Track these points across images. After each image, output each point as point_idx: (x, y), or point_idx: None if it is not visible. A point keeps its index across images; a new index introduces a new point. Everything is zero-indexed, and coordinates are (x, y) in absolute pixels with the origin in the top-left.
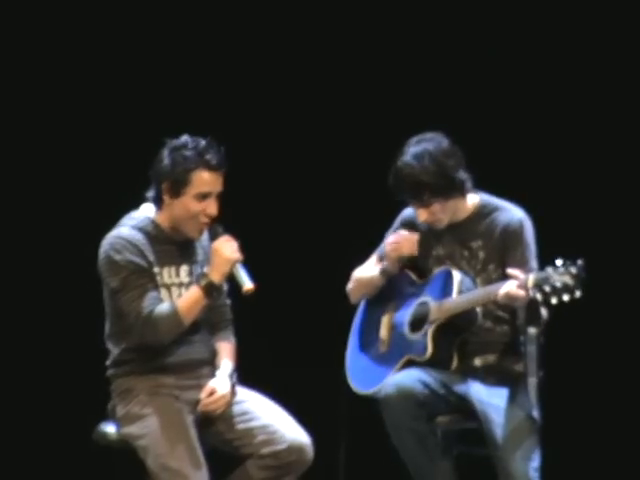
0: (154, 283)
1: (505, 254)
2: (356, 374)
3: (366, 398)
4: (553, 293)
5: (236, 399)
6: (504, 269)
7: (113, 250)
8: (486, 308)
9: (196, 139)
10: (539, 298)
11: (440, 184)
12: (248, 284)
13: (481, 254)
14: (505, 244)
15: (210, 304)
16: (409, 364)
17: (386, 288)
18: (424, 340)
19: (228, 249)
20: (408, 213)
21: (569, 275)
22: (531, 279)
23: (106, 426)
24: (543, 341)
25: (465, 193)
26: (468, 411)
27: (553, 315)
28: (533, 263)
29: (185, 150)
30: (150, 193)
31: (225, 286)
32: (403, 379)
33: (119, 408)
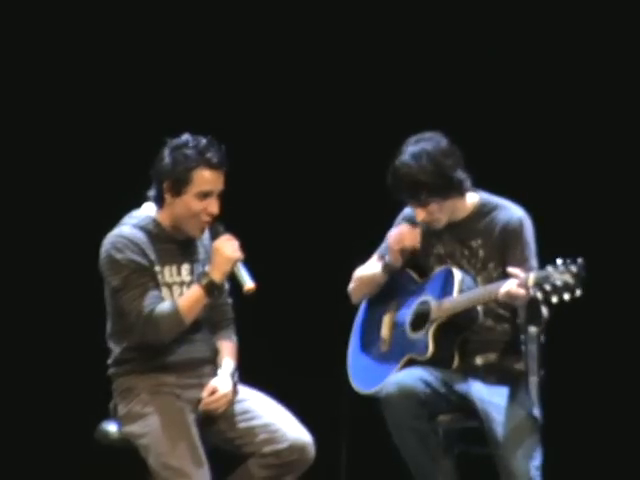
0: (155, 282)
1: (505, 252)
2: (358, 374)
3: (367, 397)
4: (553, 292)
5: (237, 398)
6: (504, 268)
7: (114, 249)
8: (487, 307)
9: (197, 138)
10: (539, 297)
11: (438, 184)
12: (249, 283)
13: (481, 253)
14: (505, 242)
15: (211, 303)
16: (410, 363)
17: (387, 287)
18: (425, 339)
19: (229, 248)
20: (409, 212)
21: (569, 274)
22: (531, 278)
23: (108, 425)
24: (544, 340)
25: (464, 193)
26: (469, 410)
27: (554, 314)
28: (533, 261)
29: (186, 149)
30: (151, 192)
31: (226, 285)
32: (404, 378)
33: (120, 407)
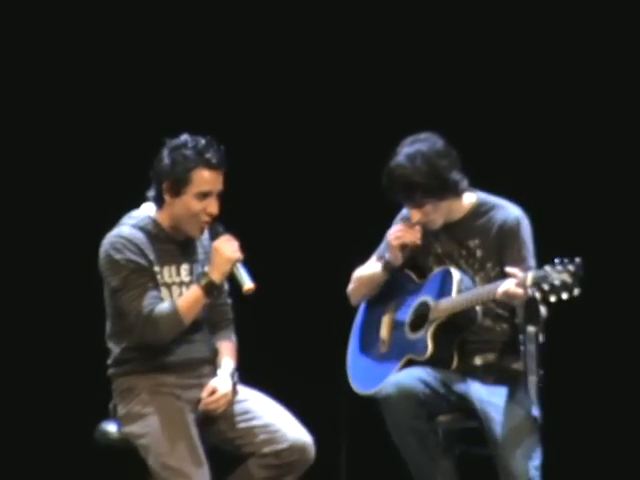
0: (154, 282)
1: (502, 252)
2: (357, 374)
3: (367, 398)
4: (552, 291)
5: (237, 398)
6: (502, 267)
7: (114, 249)
8: (486, 307)
9: (196, 138)
10: (538, 296)
11: (432, 185)
12: (248, 283)
13: (479, 253)
14: (502, 242)
15: (211, 303)
16: (410, 364)
17: (386, 288)
18: (424, 339)
19: (228, 248)
20: (407, 212)
21: (567, 273)
22: (529, 277)
23: (107, 425)
24: (543, 340)
25: (459, 193)
26: (468, 410)
27: (552, 313)
28: (531, 261)
29: (185, 149)
30: (151, 192)
31: (226, 285)
32: (404, 378)
33: (120, 407)
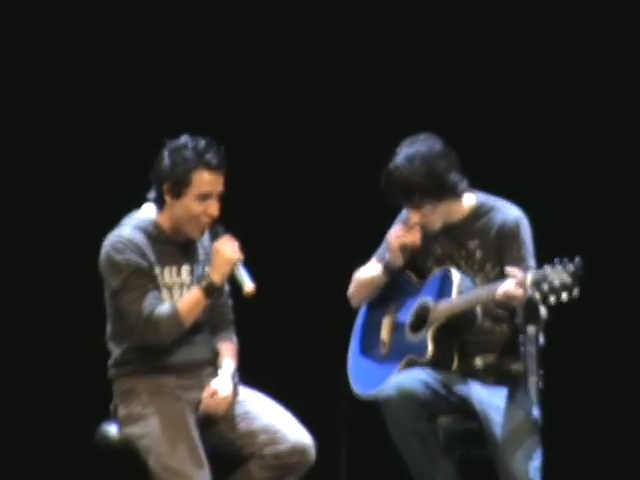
0: (155, 283)
1: (502, 253)
2: (358, 376)
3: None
4: (551, 291)
5: (238, 399)
6: (502, 268)
7: (114, 250)
8: (486, 308)
9: (196, 139)
10: (537, 297)
11: (431, 186)
12: (249, 284)
13: (478, 254)
14: (501, 243)
15: (211, 304)
16: (410, 365)
17: (386, 290)
18: (424, 341)
19: (229, 249)
20: (406, 213)
21: (567, 273)
22: (529, 278)
23: (108, 426)
24: (544, 340)
25: (458, 195)
26: (469, 411)
27: (553, 314)
28: (530, 261)
29: (185, 151)
30: (151, 194)
31: (227, 287)
32: (404, 380)
33: (121, 408)
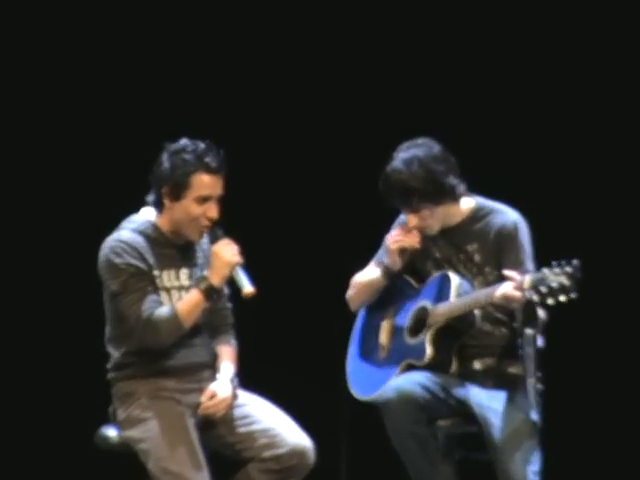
0: (154, 286)
1: (501, 256)
2: (357, 380)
3: (367, 403)
4: (549, 294)
5: (237, 402)
6: (501, 271)
7: (113, 253)
8: (485, 311)
9: (195, 142)
10: (536, 299)
11: (429, 189)
12: (248, 287)
13: (477, 257)
14: (500, 246)
15: (211, 307)
16: (409, 369)
17: (385, 294)
18: (423, 344)
19: (228, 252)
20: (405, 217)
21: (565, 275)
22: (527, 280)
23: (107, 430)
24: (543, 343)
25: (456, 198)
26: (468, 415)
27: (552, 317)
28: (529, 264)
29: (184, 153)
30: (150, 197)
31: (226, 290)
32: (403, 383)
33: (120, 412)
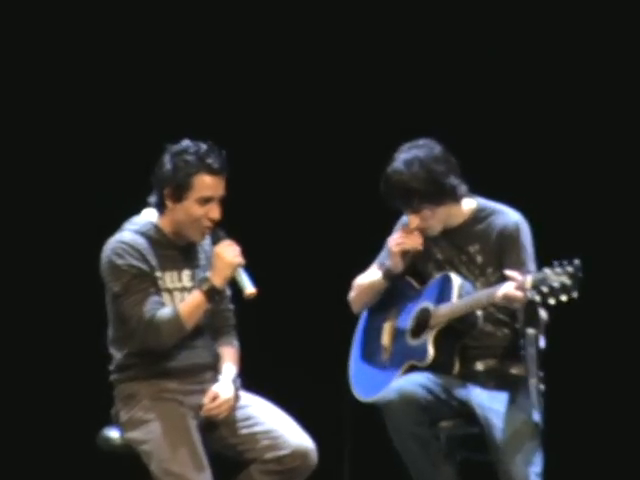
0: (156, 287)
1: (502, 257)
2: (359, 382)
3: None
4: (551, 294)
5: (239, 404)
6: (503, 272)
7: (115, 255)
8: (486, 312)
9: (197, 143)
10: (537, 299)
11: (429, 190)
12: (250, 288)
13: (479, 258)
14: (502, 247)
15: (213, 309)
16: (411, 370)
17: (387, 295)
18: (425, 345)
19: (230, 253)
20: (406, 219)
21: (566, 275)
22: (529, 280)
23: (110, 431)
24: (544, 343)
25: (457, 199)
26: (470, 416)
27: (553, 317)
28: (531, 265)
29: (186, 155)
30: (152, 198)
31: (228, 291)
32: (405, 384)
33: (122, 413)
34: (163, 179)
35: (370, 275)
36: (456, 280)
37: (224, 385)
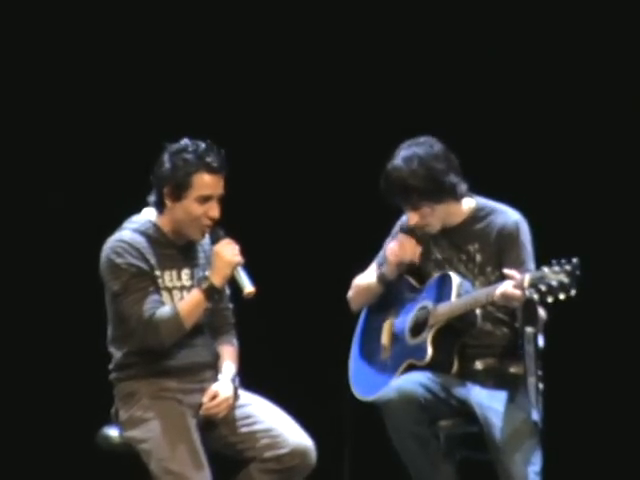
0: (155, 286)
1: (502, 256)
2: (359, 381)
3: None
4: (549, 292)
5: (239, 403)
6: (502, 272)
7: (114, 253)
8: (486, 311)
9: (196, 142)
10: (535, 298)
11: (429, 187)
12: (249, 287)
13: (478, 257)
14: (501, 246)
15: (212, 308)
16: (410, 369)
17: (387, 295)
18: (424, 344)
19: (229, 252)
20: (406, 218)
21: (564, 273)
22: (527, 279)
23: (109, 430)
24: (543, 342)
25: (457, 197)
26: (469, 415)
27: (551, 316)
28: (530, 264)
29: (185, 153)
30: (152, 197)
31: (227, 290)
32: (404, 383)
33: (122, 412)
34: (162, 178)
35: (367, 276)
36: (455, 279)
37: (223, 384)
